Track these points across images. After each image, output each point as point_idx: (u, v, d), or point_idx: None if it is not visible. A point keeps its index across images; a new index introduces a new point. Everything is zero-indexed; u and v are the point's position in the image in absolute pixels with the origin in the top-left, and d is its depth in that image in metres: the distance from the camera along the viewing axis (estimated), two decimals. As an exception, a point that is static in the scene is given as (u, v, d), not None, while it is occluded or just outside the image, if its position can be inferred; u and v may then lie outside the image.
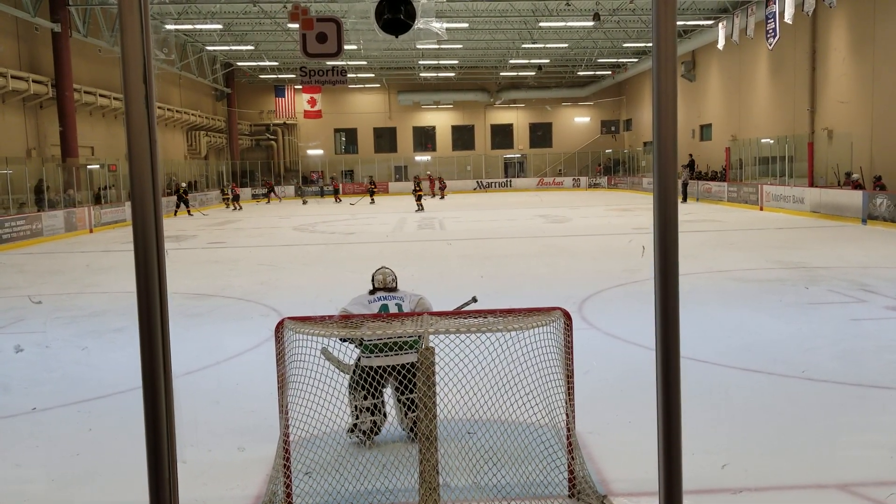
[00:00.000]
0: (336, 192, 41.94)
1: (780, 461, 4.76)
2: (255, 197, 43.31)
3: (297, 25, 7.49)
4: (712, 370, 6.84)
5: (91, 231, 24.52)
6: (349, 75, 44.21)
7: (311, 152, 49.00)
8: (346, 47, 34.68)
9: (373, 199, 38.30)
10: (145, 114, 1.56)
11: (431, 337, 4.32)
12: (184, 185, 33.33)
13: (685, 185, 32.55)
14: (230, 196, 36.75)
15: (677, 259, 1.67)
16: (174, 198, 31.59)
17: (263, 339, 8.11)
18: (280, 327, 4.28)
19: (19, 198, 22.85)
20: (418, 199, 31.60)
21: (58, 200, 24.39)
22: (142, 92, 1.55)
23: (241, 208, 35.70)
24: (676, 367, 1.68)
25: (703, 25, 31.60)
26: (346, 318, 4.53)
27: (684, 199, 32.08)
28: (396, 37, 7.38)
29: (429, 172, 44.78)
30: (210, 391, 6.65)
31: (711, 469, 4.61)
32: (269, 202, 40.49)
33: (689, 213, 25.44)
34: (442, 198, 40.13)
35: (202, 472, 4.81)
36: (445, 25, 31.59)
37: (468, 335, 4.28)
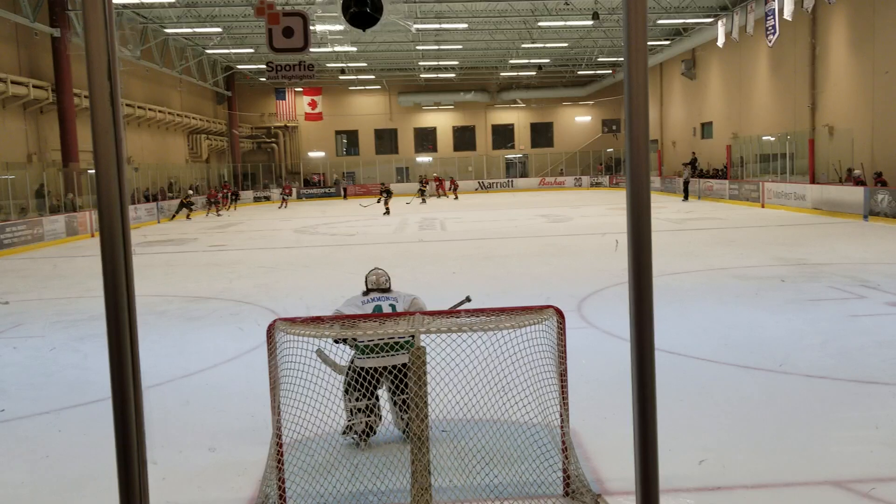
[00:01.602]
0: (285, 198, 38.91)
1: (776, 456, 4.73)
2: (256, 199, 43.34)
3: (267, 23, 7.47)
4: (710, 367, 6.82)
5: (93, 235, 24.54)
6: (350, 77, 44.27)
7: (312, 154, 49.03)
8: (346, 49, 34.86)
9: (423, 199, 37.65)
10: (110, 111, 1.54)
11: (424, 337, 4.30)
12: (191, 192, 33.61)
13: (686, 183, 32.44)
14: (211, 201, 34.86)
15: (650, 256, 1.66)
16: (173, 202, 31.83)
17: (262, 342, 8.07)
18: (272, 329, 4.26)
19: (20, 202, 22.89)
20: (421, 193, 32.08)
21: (59, 205, 24.43)
22: (106, 89, 1.53)
23: (219, 214, 33.87)
24: (651, 361, 1.66)
25: (702, 23, 31.55)
26: (338, 319, 4.51)
27: (685, 198, 32.00)
28: (364, 30, 7.39)
29: (435, 174, 44.67)
30: (208, 393, 6.65)
31: (709, 465, 4.59)
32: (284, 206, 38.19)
33: (690, 211, 25.41)
34: (455, 198, 40.00)
35: (196, 475, 4.80)
36: (445, 26, 31.61)
37: (461, 334, 4.27)
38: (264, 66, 40.91)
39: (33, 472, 5.08)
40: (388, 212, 29.95)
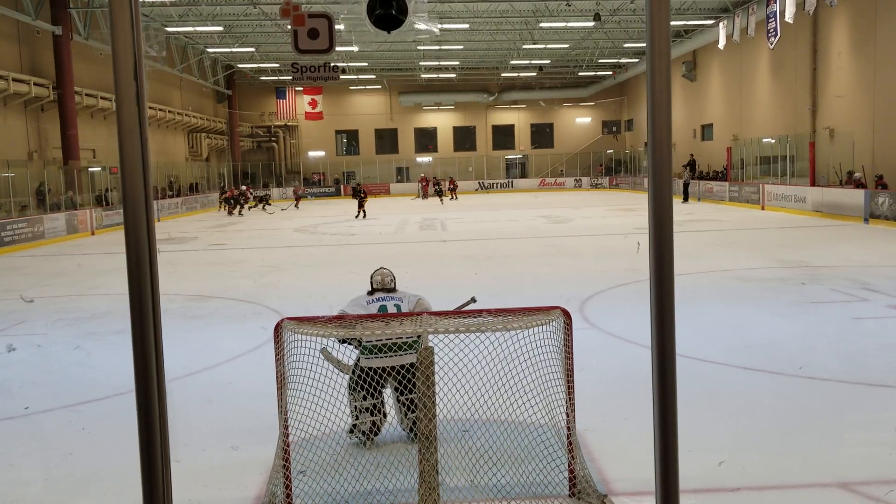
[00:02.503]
0: (299, 197, 37.13)
1: (782, 460, 4.74)
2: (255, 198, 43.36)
3: (293, 25, 7.45)
4: (714, 369, 6.83)
5: (93, 233, 24.54)
6: (350, 76, 44.28)
7: (312, 154, 49.02)
8: (347, 48, 34.85)
9: (442, 198, 36.66)
10: (136, 111, 1.55)
11: (431, 337, 4.30)
12: (244, 187, 33.92)
13: (686, 185, 32.36)
14: (223, 200, 34.39)
15: (672, 255, 1.66)
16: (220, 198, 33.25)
17: (265, 341, 8.10)
18: (279, 328, 4.27)
19: (21, 200, 22.89)
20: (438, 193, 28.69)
21: (59, 203, 24.42)
22: (132, 89, 1.54)
23: (241, 213, 32.99)
24: (672, 363, 1.66)
25: (703, 25, 31.56)
26: (344, 320, 4.51)
27: (685, 199, 31.91)
28: (389, 32, 7.37)
29: (422, 175, 44.30)
30: (210, 393, 6.65)
31: (713, 468, 4.60)
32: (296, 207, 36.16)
33: (690, 213, 25.42)
34: (453, 198, 39.64)
35: (202, 474, 4.80)
36: (446, 26, 31.62)
37: (468, 335, 4.27)
38: (265, 65, 41.13)
39: (44, 469, 5.08)
40: (363, 214, 27.74)
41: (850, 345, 7.58)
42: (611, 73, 45.30)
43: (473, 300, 5.53)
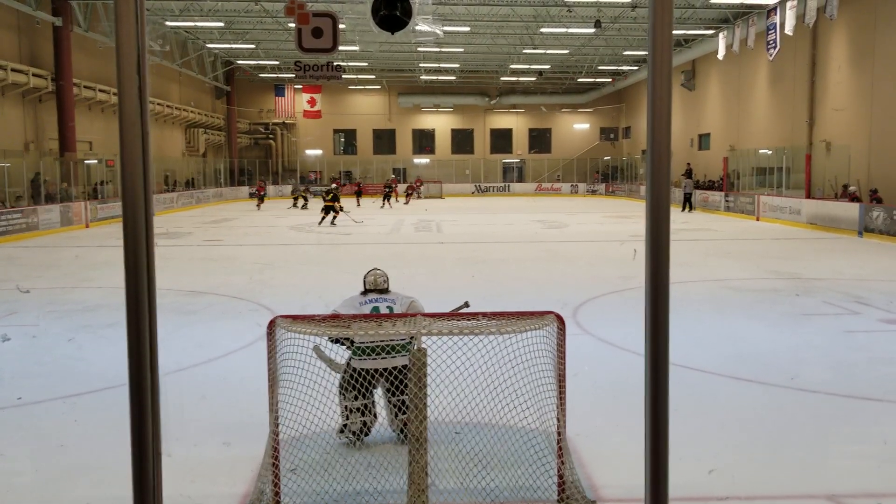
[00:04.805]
0: (412, 192, 35.42)
1: (770, 470, 4.76)
2: (251, 196, 43.27)
3: (293, 24, 7.46)
4: (704, 378, 6.84)
5: (87, 226, 24.48)
6: (350, 76, 44.27)
7: (309, 152, 48.95)
8: (347, 48, 34.84)
9: (385, 203, 35.28)
10: (138, 104, 1.55)
11: (424, 339, 4.29)
12: (333, 185, 34.21)
13: (689, 194, 31.21)
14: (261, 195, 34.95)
15: (668, 264, 1.67)
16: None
17: (257, 338, 8.08)
18: (272, 325, 4.26)
19: (16, 191, 22.81)
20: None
21: (54, 195, 24.34)
22: (135, 82, 1.54)
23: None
24: (665, 371, 1.67)
25: (703, 35, 31.65)
26: (337, 319, 4.51)
27: (684, 208, 31.16)
28: (392, 33, 7.39)
29: (392, 177, 43.26)
30: (201, 388, 6.63)
31: (700, 476, 4.61)
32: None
33: (685, 222, 25.47)
34: (406, 202, 37.59)
35: (191, 469, 4.79)
36: (446, 28, 31.62)
37: (461, 338, 4.27)
38: (265, 62, 41.08)
39: (35, 459, 5.07)
40: (331, 220, 24.59)
41: (841, 357, 7.60)
42: (610, 80, 45.39)
43: (467, 305, 5.53)
